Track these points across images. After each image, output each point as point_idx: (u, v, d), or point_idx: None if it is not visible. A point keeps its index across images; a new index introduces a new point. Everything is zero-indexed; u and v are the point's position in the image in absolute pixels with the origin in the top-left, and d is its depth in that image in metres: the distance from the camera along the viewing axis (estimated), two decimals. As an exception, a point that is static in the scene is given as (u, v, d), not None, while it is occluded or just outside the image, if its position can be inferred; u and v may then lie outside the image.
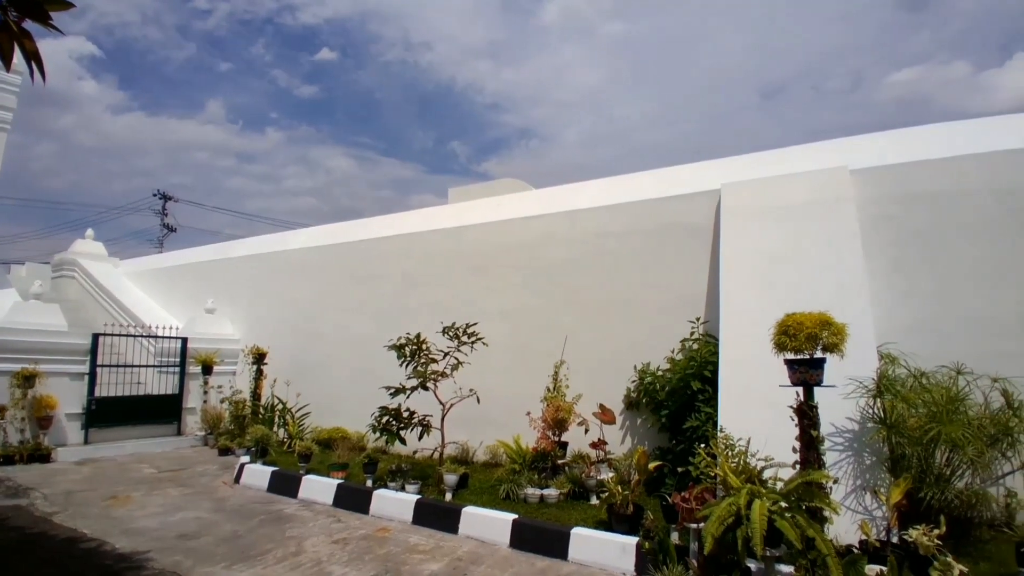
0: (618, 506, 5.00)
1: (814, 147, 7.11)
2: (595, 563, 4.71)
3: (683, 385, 6.06)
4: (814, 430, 4.03)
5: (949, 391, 4.65)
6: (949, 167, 5.90)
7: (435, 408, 6.69)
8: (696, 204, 7.01)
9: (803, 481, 3.77)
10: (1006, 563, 3.99)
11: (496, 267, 8.44)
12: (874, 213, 6.03)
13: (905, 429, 4.51)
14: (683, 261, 7.00)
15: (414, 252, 9.41)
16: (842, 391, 4.78)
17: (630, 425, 6.98)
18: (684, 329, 6.61)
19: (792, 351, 4.09)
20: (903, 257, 5.90)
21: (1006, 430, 4.49)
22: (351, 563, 4.74)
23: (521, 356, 7.82)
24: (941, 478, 4.50)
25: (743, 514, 3.57)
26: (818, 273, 5.76)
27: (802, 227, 6.13)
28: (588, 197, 8.08)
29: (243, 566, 4.66)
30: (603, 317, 7.41)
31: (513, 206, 8.84)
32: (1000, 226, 5.61)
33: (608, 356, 7.19)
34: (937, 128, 6.56)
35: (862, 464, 4.74)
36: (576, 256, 7.78)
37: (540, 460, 6.42)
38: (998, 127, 6.13)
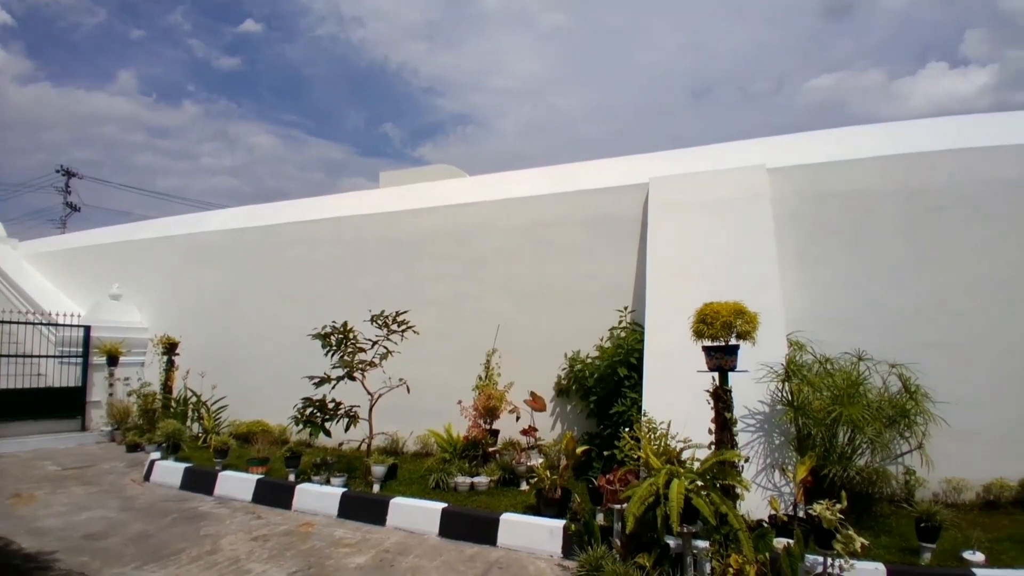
0: (546, 491, 5.09)
1: (737, 145, 7.44)
2: (524, 547, 4.79)
3: (610, 372, 6.24)
4: (728, 413, 4.25)
5: (850, 376, 5.03)
6: (857, 168, 6.35)
7: (363, 399, 6.54)
8: (626, 197, 7.19)
9: (717, 461, 3.97)
10: (906, 537, 4.34)
11: (428, 254, 8.33)
12: (788, 209, 6.40)
13: (811, 411, 4.84)
14: (613, 252, 7.17)
15: (342, 237, 9.08)
16: (754, 376, 5.07)
17: (560, 411, 7.12)
18: (613, 318, 6.80)
19: (709, 338, 4.28)
20: (813, 251, 6.31)
21: (903, 412, 4.91)
22: (272, 560, 4.58)
23: (453, 345, 7.78)
24: (844, 456, 4.86)
25: (662, 494, 3.72)
26: (736, 265, 6.06)
27: (722, 221, 6.43)
28: (522, 186, 8.10)
29: (155, 566, 4.43)
30: (536, 306, 7.49)
31: (447, 192, 8.73)
32: (902, 225, 6.10)
33: (540, 344, 7.28)
34: (848, 131, 7.05)
35: (772, 444, 5.06)
36: (509, 245, 7.80)
37: (471, 448, 6.43)
38: (904, 132, 6.65)
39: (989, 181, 5.90)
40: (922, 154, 6.19)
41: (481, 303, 7.81)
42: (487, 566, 4.52)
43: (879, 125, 7.01)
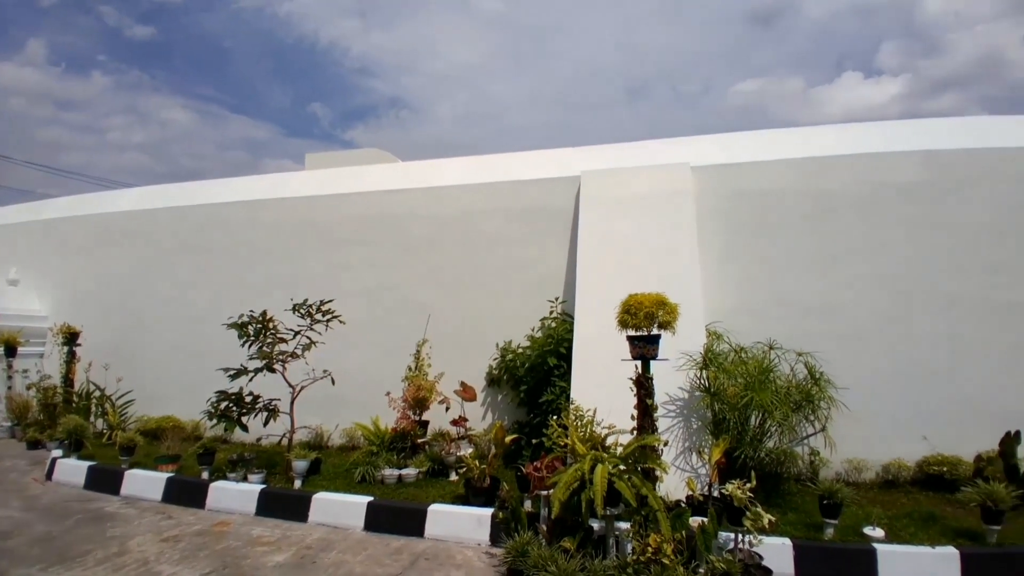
0: (475, 480, 5.10)
1: (665, 143, 7.69)
2: (452, 537, 4.78)
3: (541, 361, 6.33)
4: (649, 399, 4.42)
5: (761, 363, 5.34)
6: (771, 169, 6.73)
7: (284, 392, 6.29)
8: (559, 189, 7.28)
9: (639, 445, 4.12)
10: (811, 514, 4.65)
11: (355, 241, 8.05)
12: (709, 206, 6.70)
13: (725, 397, 5.10)
14: (545, 243, 7.25)
15: (263, 221, 8.59)
16: (675, 364, 5.29)
17: (491, 401, 7.15)
18: (545, 308, 6.89)
19: (633, 328, 4.43)
20: (731, 247, 6.64)
21: (808, 397, 5.25)
22: (183, 561, 4.36)
23: (382, 335, 7.61)
24: (755, 439, 5.16)
25: (587, 479, 3.81)
26: (660, 258, 6.28)
27: (648, 216, 6.64)
28: (455, 174, 8.01)
29: (60, 568, 4.17)
30: (467, 296, 7.45)
31: (376, 178, 8.47)
32: (809, 223, 6.52)
33: (471, 334, 7.27)
34: (766, 134, 7.46)
35: (690, 428, 5.31)
36: (440, 233, 7.70)
37: (400, 440, 6.33)
38: (815, 136, 7.11)
39: (885, 184, 6.42)
40: (828, 157, 6.65)
41: (411, 293, 7.67)
42: (414, 557, 4.48)
43: (795, 129, 7.48)
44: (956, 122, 7.11)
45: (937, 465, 5.57)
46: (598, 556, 3.90)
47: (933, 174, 6.35)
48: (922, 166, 6.39)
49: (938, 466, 5.56)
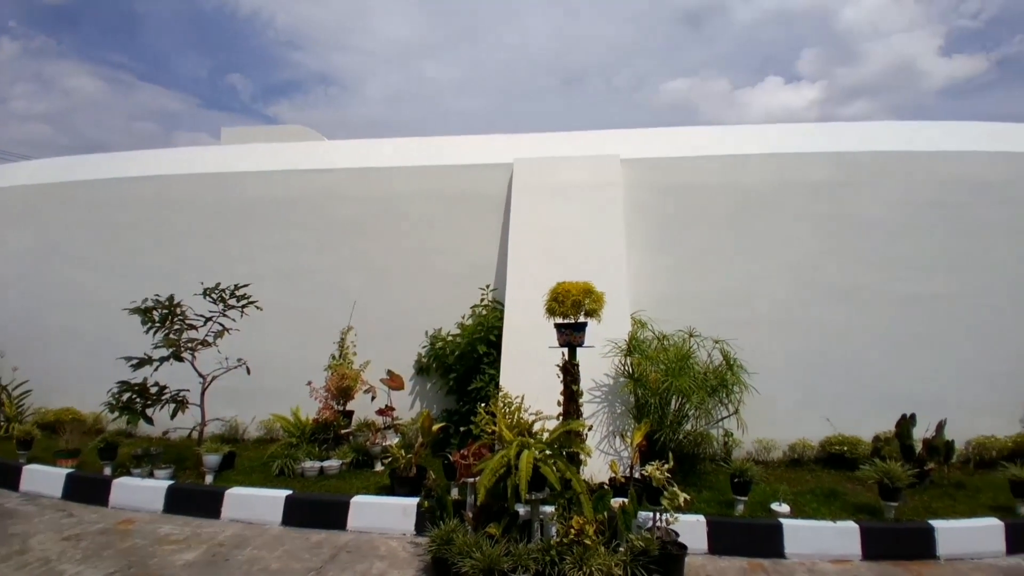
0: (401, 470, 5.02)
1: (597, 135, 7.80)
2: (376, 528, 4.68)
3: (471, 349, 6.29)
4: (575, 385, 4.48)
5: (681, 350, 5.55)
6: (695, 165, 6.98)
7: (195, 382, 5.92)
8: (491, 175, 7.21)
9: (564, 430, 4.17)
10: (723, 491, 4.89)
11: (276, 222, 7.62)
12: (636, 199, 6.86)
13: (647, 382, 5.26)
14: (477, 229, 7.17)
15: (173, 198, 7.95)
16: (601, 351, 5.40)
17: (420, 390, 7.02)
18: (476, 296, 6.83)
19: (560, 316, 4.47)
20: (656, 238, 6.83)
21: (723, 382, 5.50)
22: (87, 560, 4.10)
23: (303, 322, 7.28)
24: (674, 422, 5.36)
25: (513, 464, 3.81)
26: (589, 247, 6.38)
27: (578, 206, 6.72)
28: (384, 155, 7.75)
29: None
30: (395, 282, 7.25)
31: (299, 155, 8.05)
32: (729, 217, 6.83)
33: (400, 322, 7.09)
34: (692, 130, 7.75)
35: (614, 413, 5.44)
36: (368, 216, 7.43)
37: (322, 432, 6.11)
38: (737, 135, 7.44)
39: (797, 182, 6.82)
40: (747, 156, 6.99)
41: (334, 277, 7.36)
42: (335, 550, 4.35)
43: (719, 128, 7.80)
44: (864, 126, 7.66)
45: (839, 445, 6.00)
46: (523, 540, 3.92)
47: (840, 174, 6.81)
48: (831, 166, 6.84)
49: (839, 446, 5.99)
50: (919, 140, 7.04)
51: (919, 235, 6.65)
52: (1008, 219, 6.63)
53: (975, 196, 6.67)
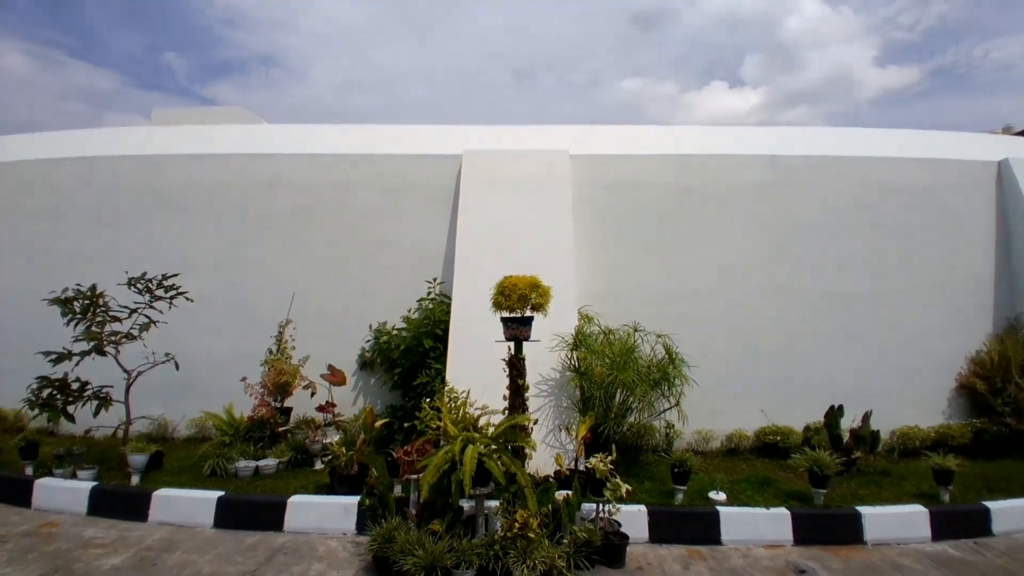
0: (341, 468, 4.87)
1: (546, 129, 7.81)
2: (315, 529, 4.52)
3: (417, 343, 6.17)
4: (521, 380, 4.47)
5: (625, 344, 5.63)
6: (641, 163, 7.11)
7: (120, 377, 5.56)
8: (440, 166, 7.08)
9: (509, 425, 4.15)
10: (664, 481, 4.99)
11: (209, 209, 7.20)
12: (584, 194, 6.92)
13: (593, 376, 5.32)
14: (424, 221, 7.03)
15: (98, 182, 7.39)
16: (548, 345, 5.42)
17: (363, 385, 6.82)
18: (423, 289, 6.69)
19: (507, 310, 4.44)
20: (603, 233, 6.92)
21: (665, 375, 5.61)
22: (12, 563, 3.92)
23: (238, 314, 6.92)
24: (618, 415, 5.44)
25: (457, 460, 3.76)
26: (537, 242, 6.38)
27: (527, 200, 6.71)
28: (328, 142, 7.46)
29: None
30: (338, 274, 7.00)
31: (237, 139, 7.65)
32: (671, 215, 6.99)
33: (343, 315, 6.85)
34: (641, 129, 7.88)
35: (560, 406, 5.47)
36: (309, 204, 7.14)
37: (257, 430, 5.85)
38: (682, 136, 7.63)
39: (737, 183, 7.06)
40: (690, 156, 7.18)
41: (273, 268, 7.04)
42: (271, 552, 4.18)
43: (664, 128, 7.97)
44: (800, 131, 8.03)
45: (772, 435, 6.26)
46: (467, 536, 3.88)
47: (776, 176, 7.10)
48: (768, 169, 7.12)
49: (773, 436, 6.25)
50: (850, 146, 7.45)
51: (848, 236, 7.02)
52: (930, 222, 7.11)
53: (900, 200, 7.11)
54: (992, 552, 4.31)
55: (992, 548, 4.38)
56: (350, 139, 7.52)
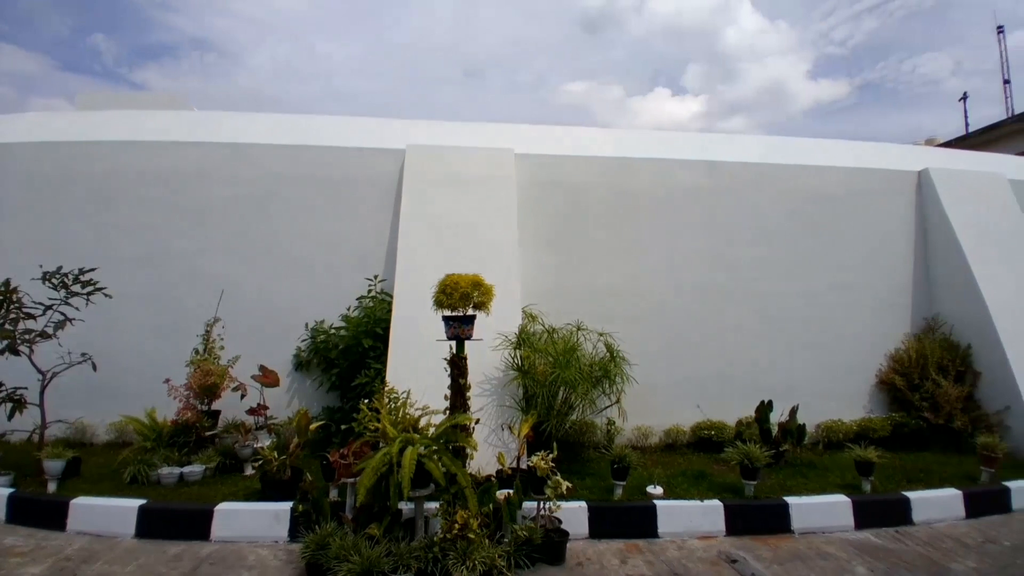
0: (273, 473, 4.68)
1: (491, 127, 7.80)
2: (244, 537, 4.32)
3: (356, 343, 5.98)
4: (463, 379, 4.41)
5: (568, 343, 5.67)
6: (585, 164, 7.19)
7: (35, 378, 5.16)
8: (382, 160, 6.92)
9: (450, 425, 4.09)
10: (605, 477, 5.04)
11: (134, 200, 6.75)
12: (530, 194, 6.93)
13: (535, 374, 5.33)
14: (365, 217, 6.84)
15: (11, 170, 6.81)
16: (491, 344, 5.39)
17: (299, 387, 6.56)
18: (363, 287, 6.51)
19: (448, 308, 4.37)
20: (547, 233, 6.95)
21: (607, 373, 5.69)
22: None
23: (163, 312, 6.53)
24: (561, 412, 5.46)
25: (395, 462, 3.67)
26: (480, 240, 6.34)
27: (471, 197, 6.64)
28: (264, 131, 7.14)
29: None
30: (273, 270, 6.70)
31: (165, 126, 7.19)
32: (612, 216, 7.09)
33: (277, 313, 6.57)
34: (586, 131, 7.99)
35: (503, 405, 5.45)
36: (241, 196, 6.79)
37: (182, 434, 5.53)
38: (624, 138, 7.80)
39: (676, 187, 7.26)
40: (633, 159, 7.32)
41: (200, 263, 6.65)
42: (196, 562, 3.97)
43: (609, 131, 8.10)
44: (737, 138, 8.34)
45: (707, 430, 6.46)
46: (406, 539, 3.80)
47: (715, 181, 7.34)
48: (706, 174, 7.35)
49: (708, 430, 6.45)
50: (783, 154, 7.81)
51: (780, 240, 7.35)
52: (855, 227, 7.55)
53: (828, 206, 7.52)
54: (913, 540, 4.55)
55: (913, 536, 4.62)
56: (287, 129, 7.23)
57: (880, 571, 4.00)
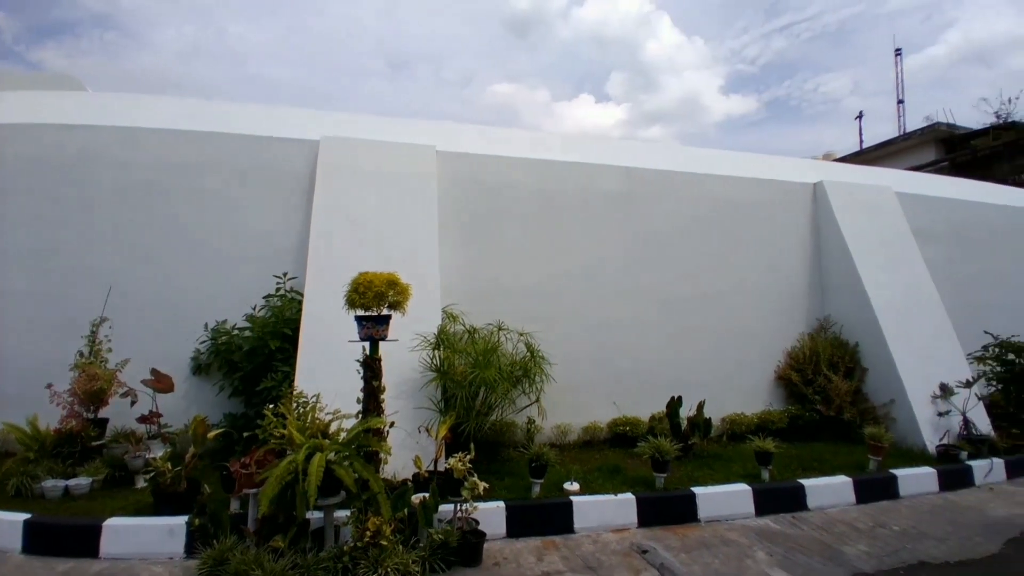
0: (167, 485, 4.33)
1: (413, 123, 7.71)
2: (137, 554, 3.99)
3: (262, 344, 5.61)
4: (376, 381, 4.28)
5: (488, 343, 5.64)
6: (509, 164, 7.18)
7: None
8: (295, 151, 6.57)
9: (363, 429, 3.94)
10: (524, 476, 5.05)
11: (12, 188, 6.06)
12: (452, 192, 6.83)
13: (455, 375, 5.26)
14: (276, 210, 6.47)
15: None
16: (409, 345, 5.26)
17: (197, 393, 6.02)
18: (270, 284, 6.12)
19: (361, 308, 4.22)
20: (470, 233, 6.88)
21: (527, 372, 5.71)
22: None
23: (45, 311, 5.89)
24: (481, 413, 5.41)
25: (302, 469, 3.49)
26: (400, 238, 6.18)
27: (391, 193, 6.46)
28: (162, 115, 6.59)
29: None
30: (168, 265, 6.19)
31: (52, 107, 6.51)
32: (537, 218, 7.16)
33: (172, 313, 6.08)
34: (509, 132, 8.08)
35: (421, 407, 5.33)
36: (133, 185, 6.23)
37: (66, 444, 5.01)
38: (548, 142, 7.95)
39: (597, 191, 7.44)
40: (554, 162, 7.41)
41: (87, 258, 6.05)
42: (84, 583, 3.62)
43: (533, 132, 8.17)
44: (653, 146, 8.65)
45: (623, 426, 6.66)
46: (315, 550, 3.63)
47: (632, 186, 7.59)
48: (624, 179, 7.58)
49: (623, 426, 6.65)
50: (695, 163, 8.22)
51: (691, 244, 7.71)
52: (758, 234, 8.06)
53: (735, 213, 7.97)
54: (808, 525, 4.89)
55: (808, 521, 4.97)
56: (190, 113, 6.72)
57: (778, 555, 4.26)
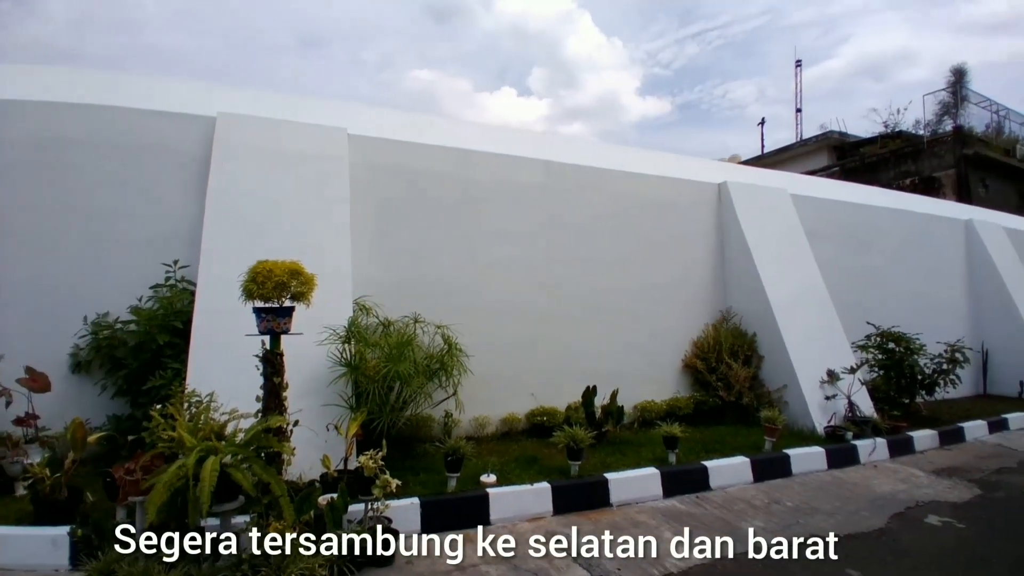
0: (47, 493, 3.92)
1: (327, 103, 7.33)
2: (19, 565, 3.65)
3: (149, 339, 5.11)
4: (277, 377, 4.03)
5: (402, 336, 5.49)
6: (427, 152, 6.99)
7: None
8: (188, 128, 6.00)
9: (262, 429, 3.69)
10: (439, 470, 4.98)
11: None
12: (366, 178, 6.55)
13: (367, 369, 5.07)
14: (166, 192, 5.90)
15: None
16: (317, 339, 5.01)
17: (77, 392, 5.37)
18: (159, 273, 5.59)
19: (260, 299, 3.94)
20: (385, 222, 6.65)
21: (443, 365, 5.62)
22: None
23: None
24: (395, 408, 5.25)
25: (192, 474, 3.22)
26: (307, 225, 5.86)
27: (298, 177, 6.09)
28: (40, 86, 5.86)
29: None
30: (41, 252, 5.53)
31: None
32: (456, 208, 7.03)
33: (48, 304, 5.43)
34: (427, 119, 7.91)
35: (330, 404, 5.08)
36: (6, 163, 5.53)
37: (-76, 453, 4.39)
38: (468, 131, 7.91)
39: (517, 184, 7.43)
40: (474, 151, 7.30)
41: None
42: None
43: (453, 121, 8.02)
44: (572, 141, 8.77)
45: (540, 416, 6.73)
46: (210, 559, 3.37)
47: (551, 180, 7.65)
48: (543, 173, 7.63)
49: (541, 416, 6.72)
50: (612, 160, 8.41)
51: (607, 238, 7.90)
52: (668, 230, 8.39)
53: (648, 210, 8.25)
54: (711, 504, 5.18)
55: (711, 501, 5.27)
56: (70, 85, 5.99)
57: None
